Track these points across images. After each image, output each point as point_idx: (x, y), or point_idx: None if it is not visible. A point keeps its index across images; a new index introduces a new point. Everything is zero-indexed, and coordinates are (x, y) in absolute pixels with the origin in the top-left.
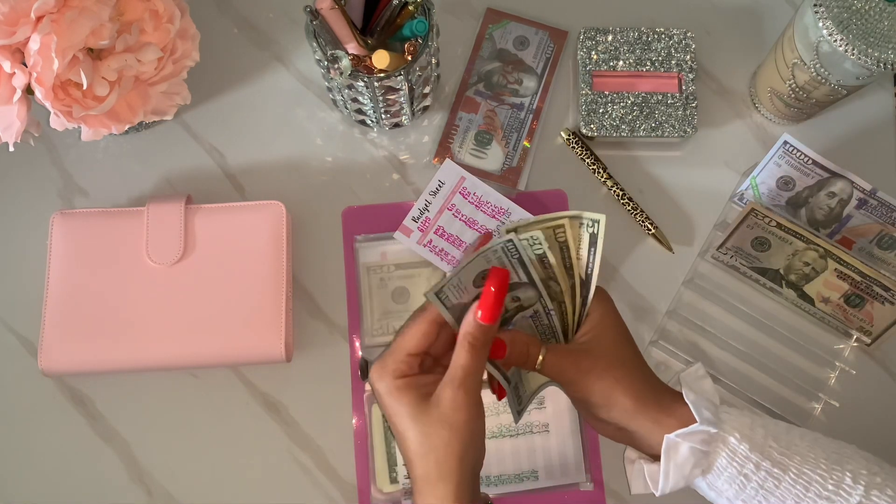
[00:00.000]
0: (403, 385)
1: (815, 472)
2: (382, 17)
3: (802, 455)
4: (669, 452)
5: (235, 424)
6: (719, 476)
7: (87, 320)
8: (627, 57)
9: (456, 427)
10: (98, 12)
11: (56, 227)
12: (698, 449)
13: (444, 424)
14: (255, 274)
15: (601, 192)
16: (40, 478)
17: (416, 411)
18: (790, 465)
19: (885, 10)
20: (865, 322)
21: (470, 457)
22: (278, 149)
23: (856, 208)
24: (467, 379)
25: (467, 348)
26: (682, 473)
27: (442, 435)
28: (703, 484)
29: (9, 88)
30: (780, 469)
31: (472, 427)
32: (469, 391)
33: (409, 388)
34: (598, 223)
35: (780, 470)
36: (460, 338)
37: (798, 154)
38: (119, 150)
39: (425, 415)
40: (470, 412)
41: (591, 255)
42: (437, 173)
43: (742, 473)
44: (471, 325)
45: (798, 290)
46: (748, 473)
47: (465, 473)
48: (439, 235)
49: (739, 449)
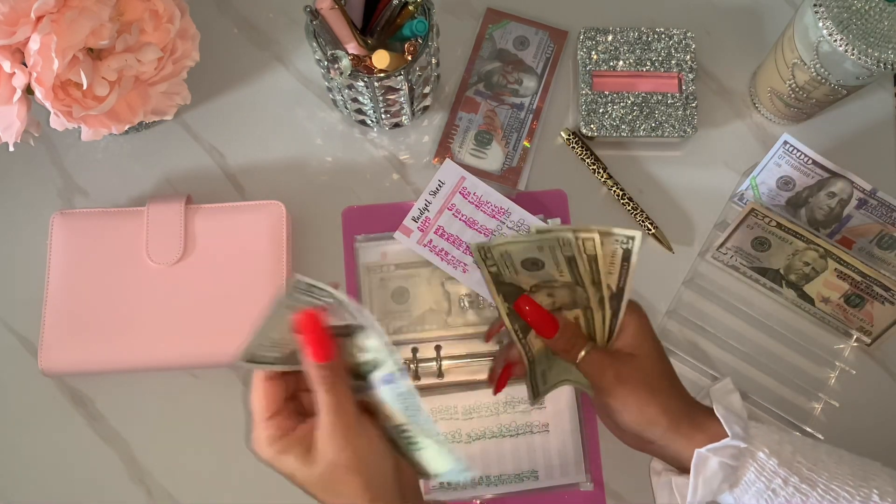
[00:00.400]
0: (283, 448)
1: (842, 489)
2: (382, 17)
3: (830, 471)
4: (699, 467)
5: (235, 424)
6: (747, 490)
7: (87, 320)
8: (627, 57)
9: (350, 465)
10: (98, 12)
11: (56, 227)
12: (727, 464)
13: (337, 469)
14: (255, 274)
15: (601, 192)
16: (40, 478)
17: (307, 467)
18: (818, 481)
19: (885, 10)
20: (865, 322)
21: (377, 479)
22: (278, 149)
23: (856, 208)
24: (338, 417)
25: (322, 389)
26: (710, 488)
27: (341, 478)
28: (729, 499)
29: (9, 88)
30: (809, 485)
31: (362, 454)
32: (345, 426)
33: (290, 448)
34: (632, 240)
35: (809, 486)
36: (310, 383)
37: (798, 154)
38: (119, 150)
39: (315, 466)
40: (354, 443)
41: (623, 270)
42: (437, 173)
43: (770, 489)
44: (312, 369)
45: (798, 290)
46: (776, 489)
47: (383, 491)
48: (439, 235)
49: (768, 464)
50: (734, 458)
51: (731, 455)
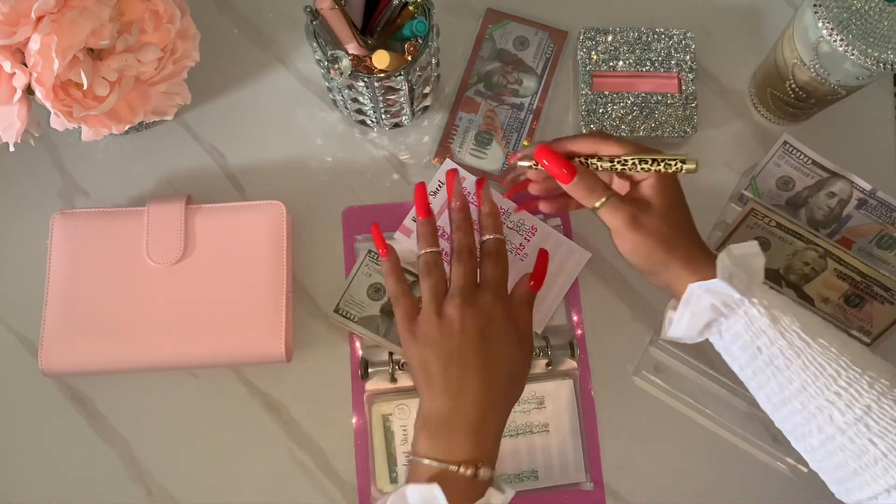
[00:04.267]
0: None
1: (830, 366)
2: (382, 18)
3: (824, 348)
4: (690, 300)
5: (235, 424)
6: (735, 341)
7: (88, 320)
8: (627, 57)
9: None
10: (98, 12)
11: (56, 227)
12: (718, 307)
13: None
14: (255, 274)
15: None
16: (40, 478)
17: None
18: (804, 352)
19: (884, 11)
20: (865, 322)
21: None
22: (278, 149)
23: (855, 208)
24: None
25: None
26: (695, 325)
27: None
28: (720, 345)
29: (9, 88)
30: (794, 352)
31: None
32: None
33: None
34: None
35: (794, 353)
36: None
37: (798, 154)
38: (119, 150)
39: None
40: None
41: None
42: (437, 174)
43: (756, 345)
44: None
45: (798, 290)
46: (761, 347)
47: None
48: (439, 235)
49: (759, 321)
50: (726, 306)
51: (723, 302)
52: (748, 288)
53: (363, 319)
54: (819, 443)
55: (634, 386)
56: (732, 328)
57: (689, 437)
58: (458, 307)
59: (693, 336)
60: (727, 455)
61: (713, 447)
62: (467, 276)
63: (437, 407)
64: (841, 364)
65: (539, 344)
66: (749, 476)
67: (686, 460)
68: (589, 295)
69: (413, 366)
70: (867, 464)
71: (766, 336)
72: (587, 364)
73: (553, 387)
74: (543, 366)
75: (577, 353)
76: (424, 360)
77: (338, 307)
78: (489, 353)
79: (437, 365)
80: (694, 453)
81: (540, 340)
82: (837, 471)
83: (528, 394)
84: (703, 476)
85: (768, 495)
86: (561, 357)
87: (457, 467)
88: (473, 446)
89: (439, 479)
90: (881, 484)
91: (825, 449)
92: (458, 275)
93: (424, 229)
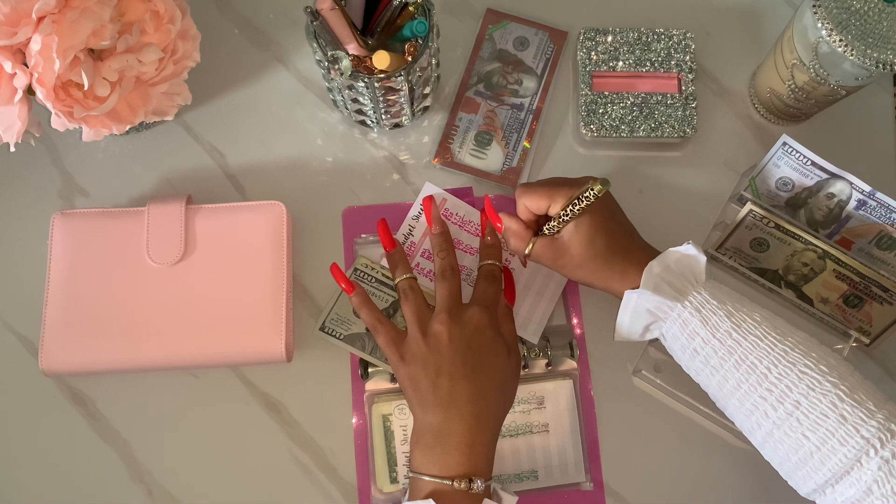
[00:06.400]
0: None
1: (761, 363)
2: (382, 18)
3: (756, 346)
4: (629, 305)
5: (235, 424)
6: (674, 342)
7: (88, 320)
8: (627, 57)
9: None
10: (99, 13)
11: (56, 227)
12: (653, 311)
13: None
14: (255, 274)
15: None
16: (40, 478)
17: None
18: (735, 351)
19: (884, 11)
20: (864, 322)
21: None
22: (278, 149)
23: (855, 209)
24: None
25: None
26: (635, 329)
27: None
28: (666, 345)
29: (10, 89)
30: (727, 351)
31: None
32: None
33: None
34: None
35: (727, 352)
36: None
37: (797, 155)
38: (120, 150)
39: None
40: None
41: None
42: (418, 197)
43: (692, 346)
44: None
45: (797, 291)
46: (696, 348)
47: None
48: (426, 258)
49: (691, 323)
50: (660, 310)
51: (656, 306)
52: (681, 291)
53: (349, 337)
54: (762, 438)
55: (634, 386)
56: (670, 330)
57: (688, 437)
58: (444, 322)
59: (636, 338)
60: (727, 455)
61: (713, 447)
62: (452, 292)
63: (430, 420)
64: (772, 360)
65: (539, 344)
66: (749, 476)
67: (686, 460)
68: (589, 295)
69: (404, 386)
70: (804, 457)
71: (699, 337)
72: (587, 364)
73: (553, 387)
74: (543, 366)
75: (576, 353)
76: (414, 376)
77: (323, 325)
78: (478, 362)
79: (427, 379)
80: (694, 453)
81: (540, 340)
82: (784, 464)
83: (527, 394)
84: (703, 476)
85: (768, 495)
86: (561, 357)
87: (451, 482)
88: (466, 459)
89: (435, 495)
90: (822, 475)
91: (768, 444)
92: (443, 293)
93: (394, 259)
